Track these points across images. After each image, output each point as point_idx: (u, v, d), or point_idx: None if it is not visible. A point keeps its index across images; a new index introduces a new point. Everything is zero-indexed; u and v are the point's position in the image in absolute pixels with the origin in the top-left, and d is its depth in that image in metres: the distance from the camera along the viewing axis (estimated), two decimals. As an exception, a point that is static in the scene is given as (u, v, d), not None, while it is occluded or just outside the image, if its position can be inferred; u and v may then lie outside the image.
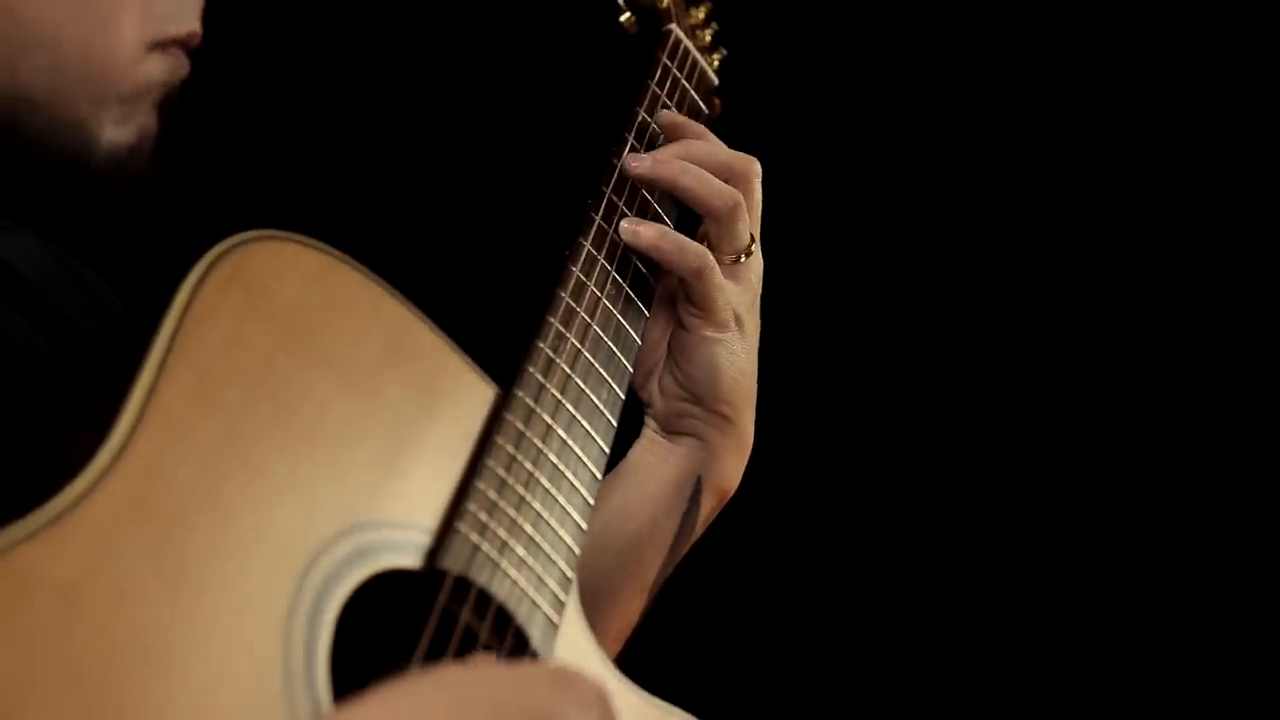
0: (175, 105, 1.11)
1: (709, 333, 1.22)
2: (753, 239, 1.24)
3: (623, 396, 1.13)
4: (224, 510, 0.89)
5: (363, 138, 1.99)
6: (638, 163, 1.22)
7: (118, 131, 1.07)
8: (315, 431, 0.95)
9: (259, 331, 0.95)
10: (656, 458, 1.25)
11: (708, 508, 1.27)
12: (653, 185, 1.22)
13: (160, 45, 1.08)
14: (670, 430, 1.25)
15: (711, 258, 1.20)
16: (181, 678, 0.84)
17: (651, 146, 1.27)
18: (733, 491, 1.28)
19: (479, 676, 0.87)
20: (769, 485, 2.10)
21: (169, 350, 0.91)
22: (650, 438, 1.26)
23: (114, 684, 0.82)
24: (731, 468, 1.27)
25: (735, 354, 1.23)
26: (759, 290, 1.26)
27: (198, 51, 1.13)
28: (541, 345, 1.09)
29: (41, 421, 0.95)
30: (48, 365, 1.02)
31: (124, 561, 0.85)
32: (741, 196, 1.22)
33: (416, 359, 1.02)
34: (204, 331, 0.93)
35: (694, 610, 2.04)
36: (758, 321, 1.26)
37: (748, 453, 1.28)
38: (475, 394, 1.04)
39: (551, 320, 1.11)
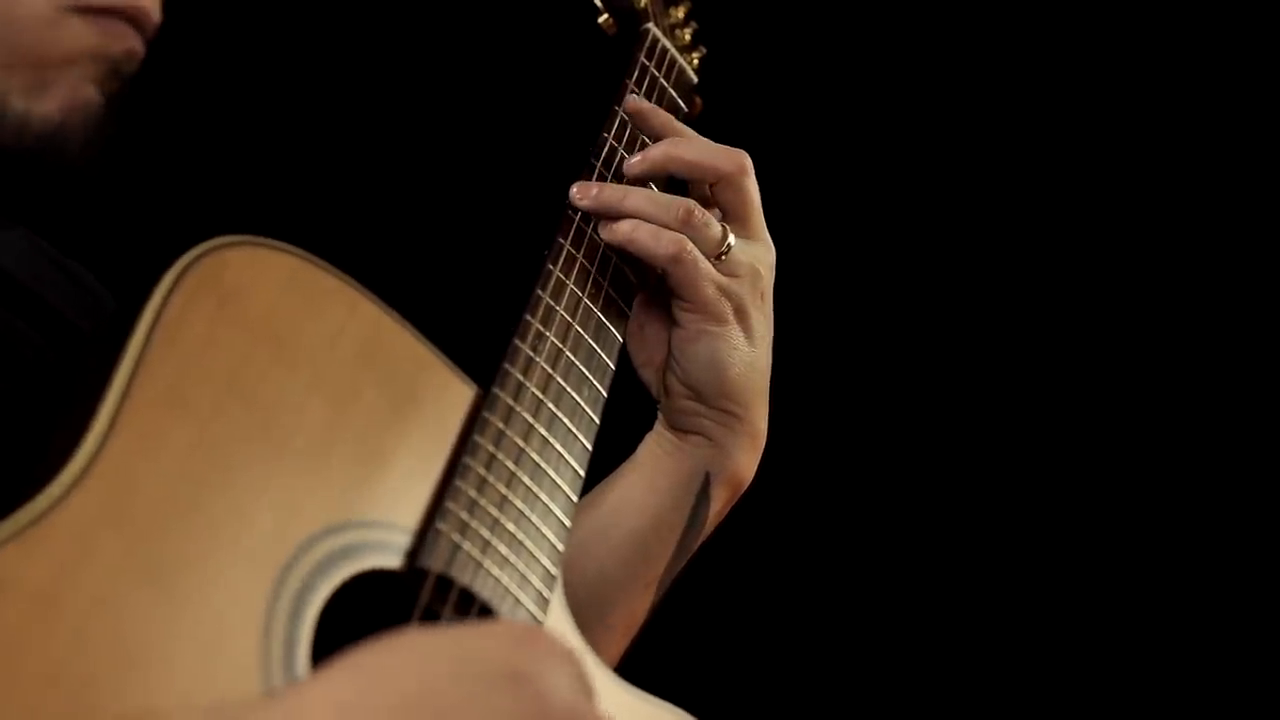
0: (124, 83, 1.07)
1: (705, 326, 1.19)
2: (727, 232, 1.20)
3: (605, 394, 1.13)
4: (200, 514, 0.89)
5: (340, 139, 1.99)
6: (601, 222, 1.19)
7: (32, 101, 1.03)
8: (292, 434, 0.95)
9: (233, 336, 0.95)
10: (664, 453, 1.24)
11: (720, 503, 1.25)
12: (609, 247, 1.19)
13: (83, 9, 1.04)
14: (677, 428, 1.24)
15: (689, 244, 1.17)
16: (160, 681, 0.85)
17: (630, 146, 1.27)
18: (746, 485, 1.27)
19: (441, 639, 0.86)
20: (768, 485, 2.11)
21: (142, 356, 0.91)
22: (659, 433, 1.25)
23: (93, 687, 0.83)
24: (743, 463, 1.25)
25: (738, 348, 1.21)
26: (765, 281, 1.23)
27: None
28: (521, 344, 1.09)
29: (20, 426, 0.95)
30: (40, 363, 1.02)
31: (99, 566, 0.85)
32: (692, 206, 1.18)
33: (393, 360, 1.02)
34: (177, 336, 0.93)
35: (694, 610, 2.04)
36: (767, 314, 1.23)
37: (761, 446, 1.26)
38: (454, 394, 1.04)
39: (531, 319, 1.11)
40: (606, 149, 1.26)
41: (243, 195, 1.85)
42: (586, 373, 1.12)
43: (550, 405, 1.08)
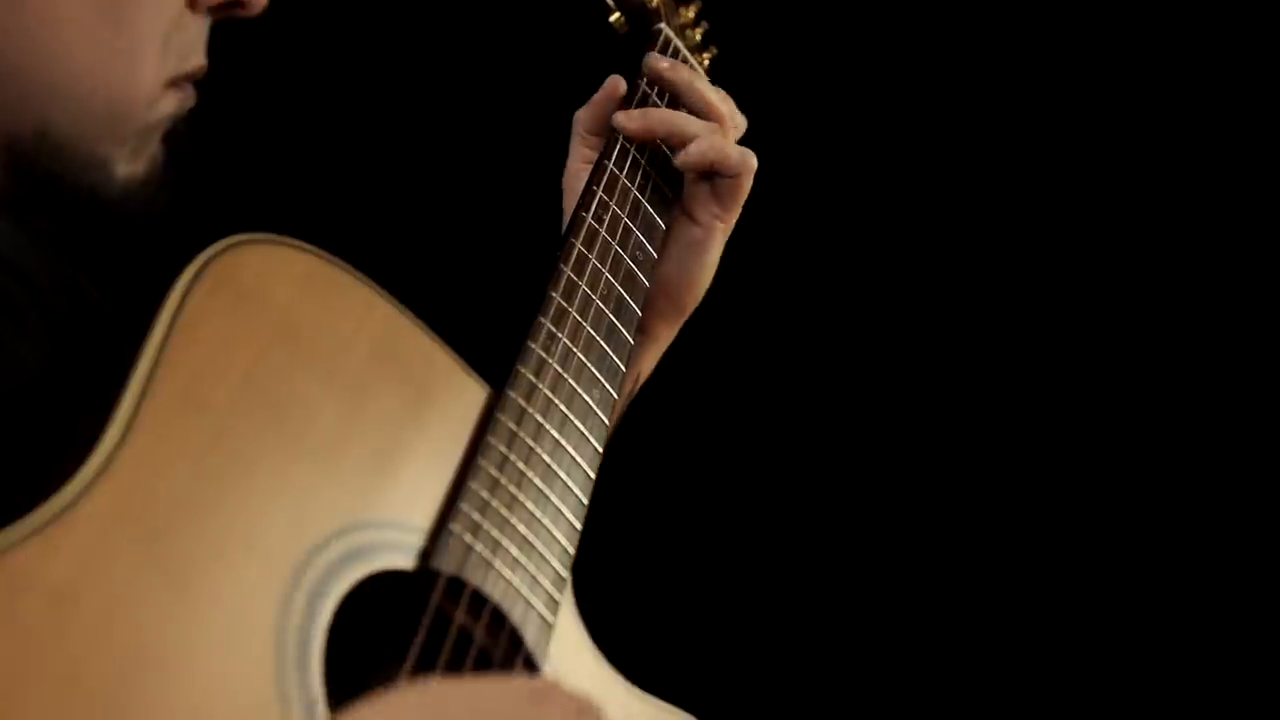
0: (183, 134, 1.12)
1: (723, 225, 1.31)
2: None
3: (616, 396, 1.14)
4: (216, 512, 0.89)
5: (354, 140, 1.99)
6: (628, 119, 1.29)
7: (131, 166, 1.09)
8: (307, 433, 0.95)
9: (249, 334, 0.95)
10: None
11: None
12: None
13: (174, 83, 1.10)
14: None
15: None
16: (176, 678, 0.85)
17: (642, 146, 1.29)
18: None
19: (454, 693, 0.87)
20: (769, 485, 2.12)
21: (160, 353, 0.91)
22: None
23: (109, 685, 0.83)
24: (655, 360, 1.34)
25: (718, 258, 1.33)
26: None
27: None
28: (533, 345, 1.09)
29: (34, 424, 0.95)
30: (27, 341, 1.03)
31: (117, 563, 0.85)
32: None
33: (408, 360, 1.02)
34: (194, 334, 0.93)
35: (694, 610, 2.05)
36: None
37: None
38: (467, 394, 1.04)
39: (543, 320, 1.11)
40: (618, 149, 1.27)
41: (258, 194, 1.85)
42: (598, 374, 1.12)
43: (562, 407, 1.08)
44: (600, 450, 1.09)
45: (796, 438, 2.12)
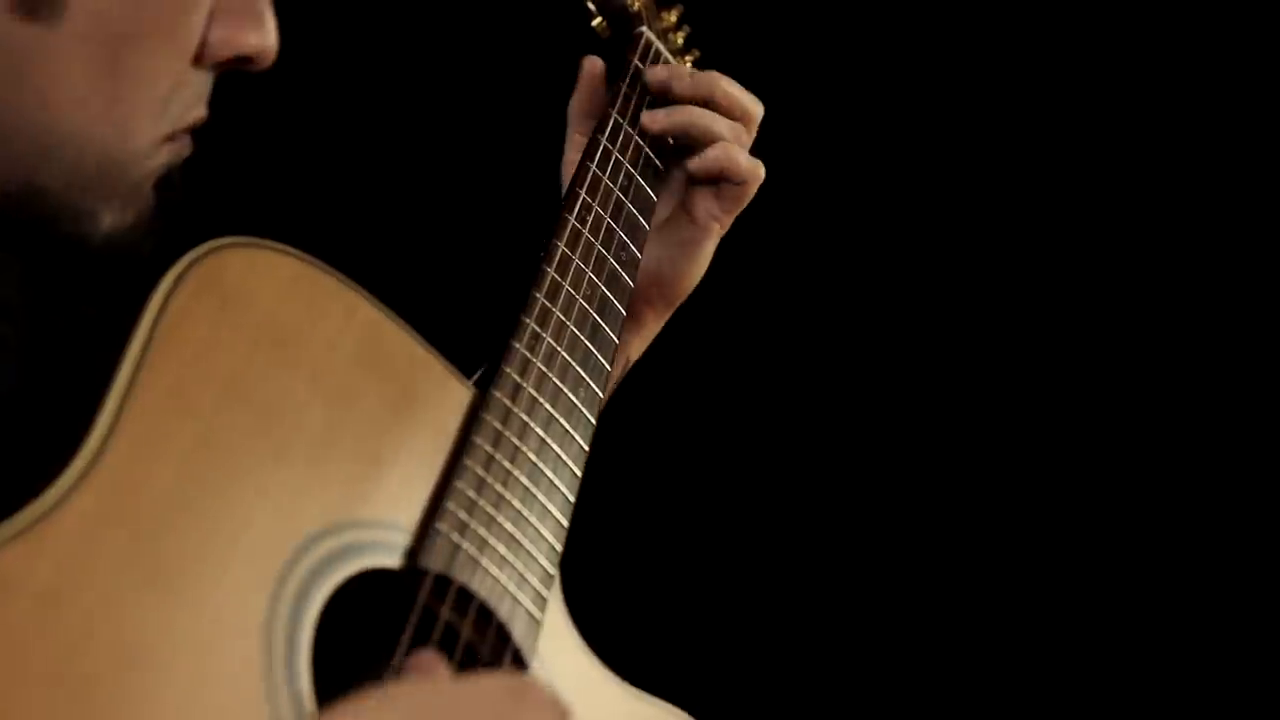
0: (175, 181, 1.11)
1: (720, 226, 1.33)
2: None
3: (601, 395, 1.14)
4: (202, 513, 0.90)
5: (337, 143, 1.99)
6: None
7: (119, 215, 1.07)
8: (293, 434, 0.95)
9: (234, 337, 0.96)
10: None
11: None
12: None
13: (171, 136, 1.09)
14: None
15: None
16: (163, 679, 0.85)
17: (625, 149, 1.29)
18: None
19: (430, 691, 0.88)
20: (759, 480, 2.12)
21: (143, 356, 0.92)
22: None
23: (96, 686, 0.83)
24: (644, 346, 1.36)
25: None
26: None
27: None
28: (517, 346, 1.09)
29: (17, 427, 0.95)
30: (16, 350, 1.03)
31: (103, 564, 0.85)
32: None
33: (392, 361, 1.02)
34: (179, 337, 0.94)
35: (693, 610, 2.05)
36: None
37: None
38: (452, 395, 1.05)
39: (527, 320, 1.11)
40: (600, 150, 1.27)
41: (240, 197, 1.85)
42: (583, 374, 1.13)
43: (547, 406, 1.08)
44: (586, 448, 1.10)
45: (786, 433, 2.12)
